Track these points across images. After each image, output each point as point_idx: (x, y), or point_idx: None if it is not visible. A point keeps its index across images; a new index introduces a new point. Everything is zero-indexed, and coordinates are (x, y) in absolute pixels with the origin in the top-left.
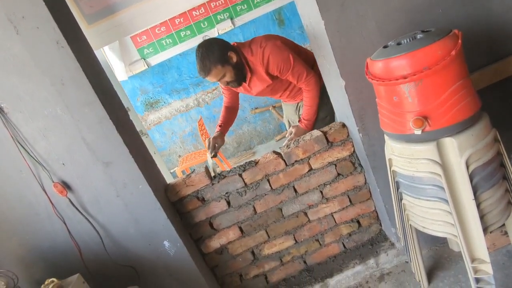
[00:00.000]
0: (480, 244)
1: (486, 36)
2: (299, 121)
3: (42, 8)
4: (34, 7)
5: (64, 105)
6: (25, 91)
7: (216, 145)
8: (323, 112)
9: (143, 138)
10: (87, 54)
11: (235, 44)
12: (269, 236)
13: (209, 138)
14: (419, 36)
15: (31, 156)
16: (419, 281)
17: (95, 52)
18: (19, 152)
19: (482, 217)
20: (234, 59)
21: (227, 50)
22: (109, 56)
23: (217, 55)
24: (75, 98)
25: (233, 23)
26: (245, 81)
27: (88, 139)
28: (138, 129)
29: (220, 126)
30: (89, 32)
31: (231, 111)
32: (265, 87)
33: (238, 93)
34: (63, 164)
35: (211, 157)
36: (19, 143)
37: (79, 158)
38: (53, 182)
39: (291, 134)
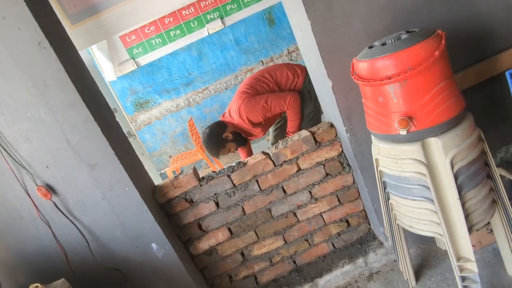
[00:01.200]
0: (465, 243)
1: (471, 36)
2: (286, 134)
3: (23, 8)
4: (14, 7)
5: (47, 107)
6: (6, 93)
7: None
8: (309, 108)
9: (131, 139)
10: (71, 55)
11: (222, 119)
12: (258, 237)
13: None
14: (403, 36)
15: (14, 159)
16: (407, 279)
17: (81, 52)
18: (1, 155)
19: (467, 216)
20: (230, 136)
21: (222, 134)
22: (97, 56)
23: (216, 142)
24: (58, 100)
25: (223, 22)
26: (247, 141)
27: (72, 141)
28: (126, 130)
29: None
30: (73, 32)
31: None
32: (263, 127)
33: (250, 145)
34: (47, 167)
35: None
36: (1, 146)
37: (63, 161)
38: (37, 185)
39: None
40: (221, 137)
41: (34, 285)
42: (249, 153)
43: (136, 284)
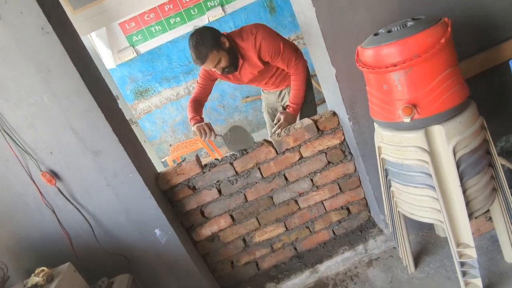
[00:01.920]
0: (465, 230)
1: (476, 24)
2: (286, 107)
3: None
4: None
5: (51, 93)
6: (10, 79)
7: (207, 127)
8: (309, 96)
9: (133, 126)
10: (74, 40)
11: (225, 33)
12: (260, 224)
13: (201, 125)
14: (409, 23)
15: (18, 145)
16: (406, 265)
17: (82, 38)
18: (5, 141)
19: (467, 203)
20: (227, 44)
21: (219, 36)
22: (96, 44)
23: (211, 41)
24: (62, 86)
25: (223, 10)
26: (238, 66)
27: (76, 127)
28: (127, 117)
29: (193, 118)
30: (75, 17)
31: (199, 104)
32: (256, 73)
33: (211, 89)
34: (51, 153)
35: (214, 138)
36: (5, 131)
37: (67, 147)
38: (41, 171)
39: (279, 120)
40: (218, 37)
41: (40, 268)
42: (200, 103)
43: (139, 269)
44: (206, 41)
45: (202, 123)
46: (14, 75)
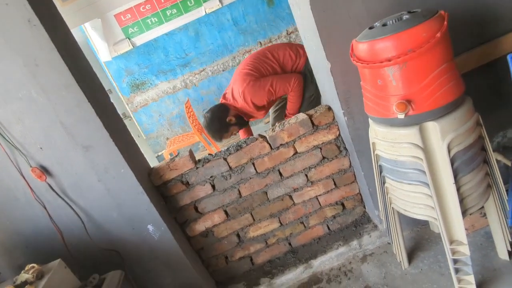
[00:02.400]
0: (459, 227)
1: (473, 18)
2: (284, 116)
3: None
4: None
5: (40, 88)
6: None
7: None
8: (309, 91)
9: (127, 121)
10: (63, 33)
11: (223, 101)
12: (254, 219)
13: None
14: (405, 17)
15: (7, 140)
16: (400, 261)
17: (74, 31)
18: None
19: (462, 200)
20: (233, 120)
21: (225, 118)
22: (92, 36)
23: (219, 127)
24: (50, 80)
25: (220, 1)
26: (248, 122)
27: (66, 122)
28: (121, 112)
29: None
30: (65, 9)
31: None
32: (266, 109)
33: (249, 125)
34: (41, 148)
35: None
36: None
37: (57, 142)
38: (31, 166)
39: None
40: (224, 121)
41: (30, 265)
42: (249, 133)
43: (133, 265)
44: (215, 129)
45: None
46: (0, 68)
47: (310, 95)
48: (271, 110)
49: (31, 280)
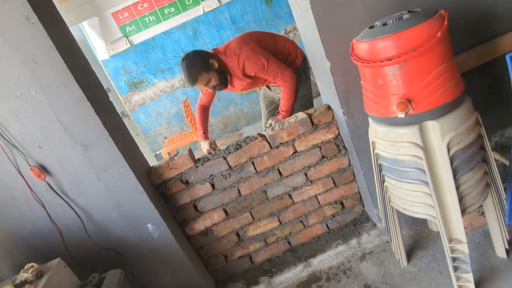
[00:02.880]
0: (458, 225)
1: (473, 18)
2: (277, 113)
3: None
4: None
5: (38, 86)
6: None
7: (213, 146)
8: (302, 90)
9: (125, 120)
10: (61, 31)
11: (213, 51)
12: (253, 218)
13: (208, 145)
14: (405, 16)
15: (5, 139)
16: (399, 259)
17: (71, 29)
18: None
19: (461, 199)
20: (216, 65)
21: (208, 58)
22: (89, 34)
23: (200, 64)
24: (49, 78)
25: (219, 0)
26: (228, 83)
27: (65, 121)
28: (119, 110)
29: (204, 133)
30: (63, 7)
31: (206, 111)
32: (245, 84)
33: (214, 95)
34: (40, 147)
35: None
36: None
37: (56, 141)
38: (29, 165)
39: (270, 125)
40: (206, 61)
41: (30, 264)
42: (207, 110)
43: (132, 264)
44: (195, 64)
45: (208, 143)
46: None
47: (303, 94)
48: (263, 112)
49: (31, 279)
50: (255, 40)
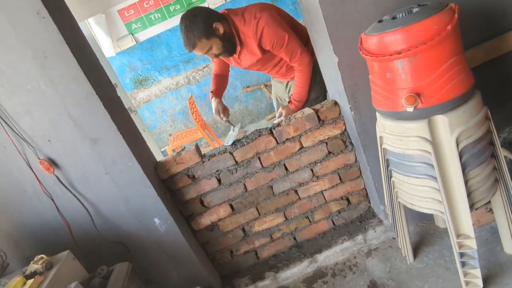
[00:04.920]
0: (466, 220)
1: (484, 11)
2: (289, 102)
3: None
4: None
5: (48, 80)
6: (6, 64)
7: (222, 108)
8: (315, 92)
9: (132, 115)
10: (71, 26)
11: (226, 11)
12: (259, 214)
13: (216, 105)
14: (415, 10)
15: (15, 132)
16: (405, 256)
17: (80, 24)
18: (2, 128)
19: (469, 194)
20: (221, 30)
21: (212, 21)
22: (95, 31)
23: (201, 27)
24: (59, 72)
25: None
26: (235, 53)
27: (74, 115)
28: (126, 106)
29: (212, 91)
30: (72, 2)
31: (222, 78)
32: (255, 61)
33: (227, 63)
34: (49, 140)
35: (225, 121)
36: (1, 118)
37: (65, 135)
38: (39, 159)
39: (280, 115)
40: (209, 23)
41: (39, 256)
42: (222, 78)
43: (139, 257)
44: (195, 27)
45: (217, 102)
46: (9, 59)
47: (316, 96)
48: (276, 107)
49: (41, 270)
50: (277, 12)
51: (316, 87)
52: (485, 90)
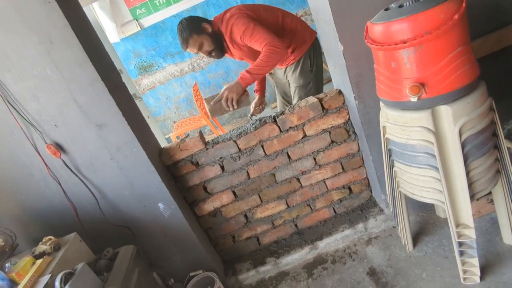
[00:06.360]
0: (466, 210)
1: (490, 2)
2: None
3: None
4: None
5: (54, 65)
6: (12, 49)
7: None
8: (306, 79)
9: (137, 101)
10: (76, 11)
11: (214, 18)
12: (261, 201)
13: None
14: None
15: (23, 117)
16: (405, 244)
17: (84, 9)
18: (10, 112)
19: (470, 184)
20: (209, 29)
21: (201, 22)
22: (100, 16)
23: (191, 26)
24: (65, 57)
25: None
26: (225, 50)
27: (80, 100)
28: (131, 92)
29: (256, 90)
30: None
31: (261, 79)
32: (242, 52)
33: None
34: (56, 125)
35: (249, 116)
36: (9, 103)
37: (71, 120)
38: (46, 143)
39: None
40: (198, 23)
41: (48, 237)
42: (262, 82)
43: (143, 241)
44: (187, 27)
45: (258, 98)
46: (16, 45)
47: (306, 82)
48: (278, 96)
49: (49, 251)
50: (252, 9)
51: (308, 74)
52: (492, 81)
